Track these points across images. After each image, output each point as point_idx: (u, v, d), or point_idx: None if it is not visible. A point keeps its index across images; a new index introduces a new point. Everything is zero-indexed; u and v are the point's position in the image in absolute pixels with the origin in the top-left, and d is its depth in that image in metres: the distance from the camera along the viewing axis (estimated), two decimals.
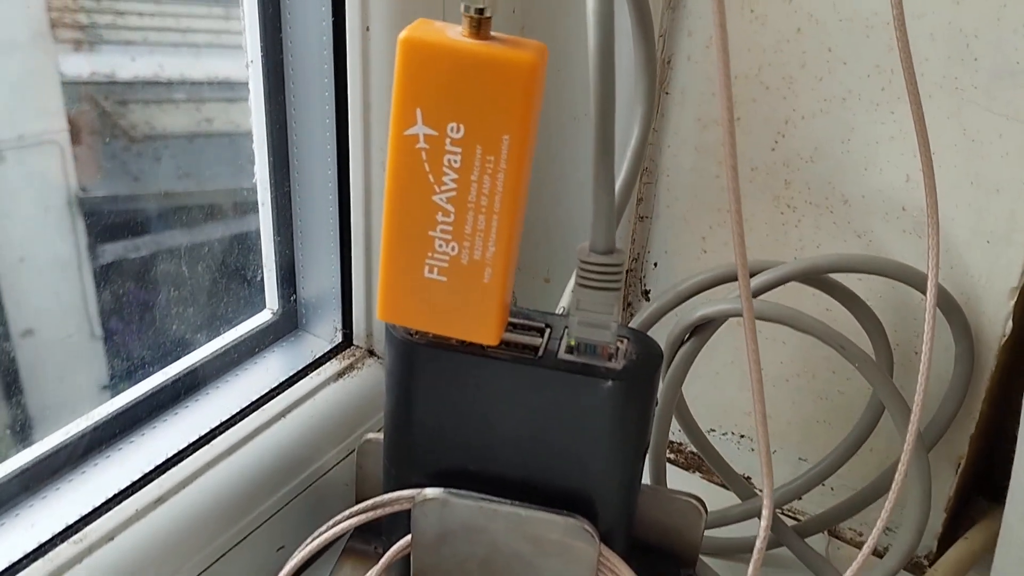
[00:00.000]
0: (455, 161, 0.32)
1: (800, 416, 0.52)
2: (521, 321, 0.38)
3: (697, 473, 0.57)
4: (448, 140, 0.32)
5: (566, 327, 0.38)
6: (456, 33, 0.31)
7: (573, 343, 0.37)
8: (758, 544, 0.34)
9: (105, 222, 0.46)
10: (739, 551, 0.51)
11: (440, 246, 0.34)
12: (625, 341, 0.38)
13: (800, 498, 0.50)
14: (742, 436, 0.55)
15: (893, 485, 0.37)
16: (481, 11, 0.31)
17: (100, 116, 0.45)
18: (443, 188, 0.33)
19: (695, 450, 0.57)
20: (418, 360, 0.38)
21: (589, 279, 0.35)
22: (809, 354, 0.51)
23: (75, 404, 0.43)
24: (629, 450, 0.38)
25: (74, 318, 0.47)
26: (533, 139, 0.33)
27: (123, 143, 0.46)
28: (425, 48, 0.31)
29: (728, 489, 0.54)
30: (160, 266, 0.47)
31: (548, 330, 0.38)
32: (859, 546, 0.53)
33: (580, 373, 0.36)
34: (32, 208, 0.44)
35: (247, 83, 0.46)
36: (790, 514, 0.55)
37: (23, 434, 0.42)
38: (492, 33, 0.31)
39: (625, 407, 0.37)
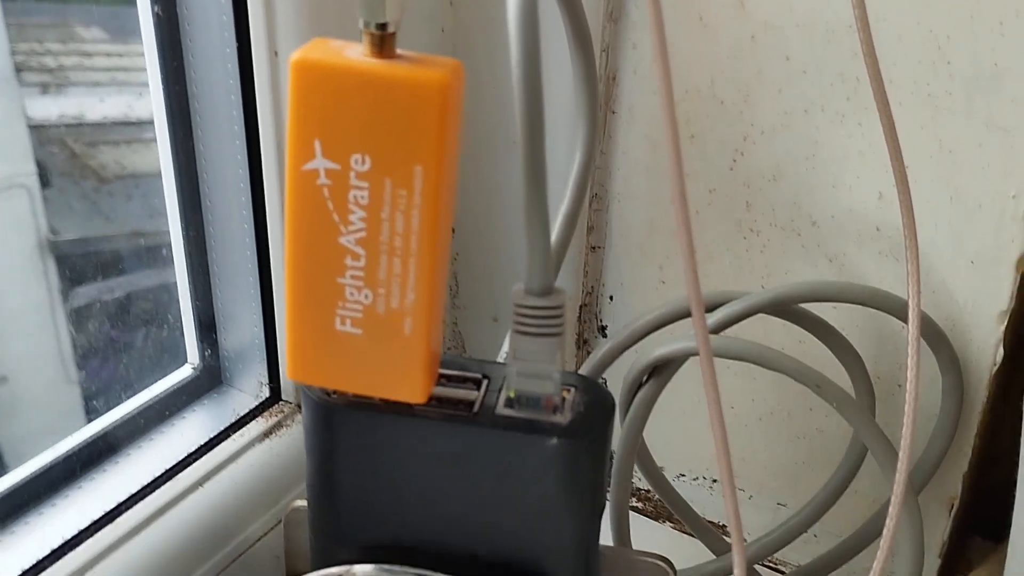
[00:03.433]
0: (362, 198, 0.29)
1: (777, 459, 0.49)
2: (455, 372, 0.35)
3: (668, 523, 0.54)
4: (353, 174, 0.29)
5: (506, 377, 0.35)
6: (356, 52, 0.28)
7: (513, 395, 0.33)
8: None
9: (77, 264, 0.44)
10: None
11: (352, 295, 0.30)
12: (572, 390, 0.34)
13: (781, 549, 0.47)
14: (715, 481, 0.52)
15: (884, 534, 0.34)
16: (383, 26, 0.28)
17: (69, 158, 0.45)
18: (351, 229, 0.29)
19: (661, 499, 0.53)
20: (337, 422, 0.34)
21: (526, 324, 0.32)
22: (783, 390, 0.47)
23: None
24: (583, 512, 0.35)
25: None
26: (452, 169, 0.30)
27: (93, 184, 0.46)
28: (320, 70, 0.28)
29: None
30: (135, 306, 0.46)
31: (486, 381, 0.35)
32: None
33: (521, 430, 0.33)
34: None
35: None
36: (772, 565, 0.51)
37: None
38: (398, 51, 0.28)
39: (574, 465, 0.33)
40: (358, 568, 0.36)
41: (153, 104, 0.43)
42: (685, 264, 0.29)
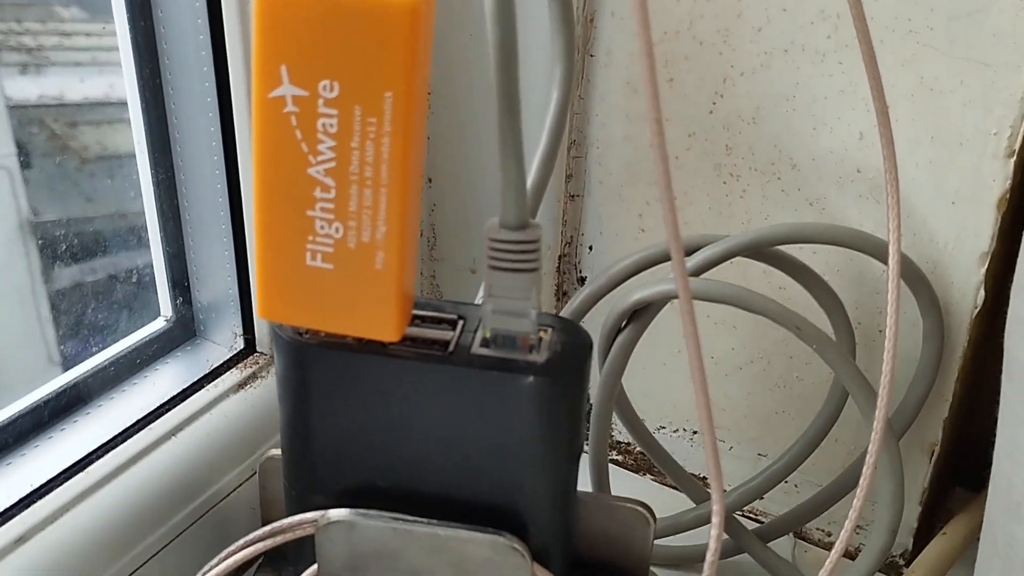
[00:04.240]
0: (331, 126, 0.28)
1: (757, 407, 0.49)
2: (429, 313, 0.34)
3: (648, 475, 0.54)
4: (321, 101, 0.28)
5: (481, 318, 0.34)
6: None
7: (488, 335, 0.33)
8: (709, 556, 0.31)
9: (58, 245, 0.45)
10: (695, 560, 0.47)
11: (322, 228, 0.30)
12: (549, 331, 0.34)
13: (761, 498, 0.47)
14: (695, 432, 0.52)
15: (861, 480, 0.34)
16: None
17: (50, 138, 0.45)
18: (319, 159, 0.29)
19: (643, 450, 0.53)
20: (309, 363, 0.34)
21: (500, 259, 0.31)
22: (763, 338, 0.47)
23: None
24: (559, 454, 0.35)
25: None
26: (423, 96, 0.29)
27: (75, 164, 0.46)
28: None
29: (681, 491, 0.50)
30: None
31: (461, 322, 0.34)
32: (828, 548, 0.50)
33: (496, 369, 0.32)
34: None
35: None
36: (751, 516, 0.51)
37: None
38: None
39: (551, 405, 0.33)
40: (333, 513, 0.35)
41: (118, 36, 0.42)
42: (664, 205, 0.28)
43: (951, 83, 0.38)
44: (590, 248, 0.50)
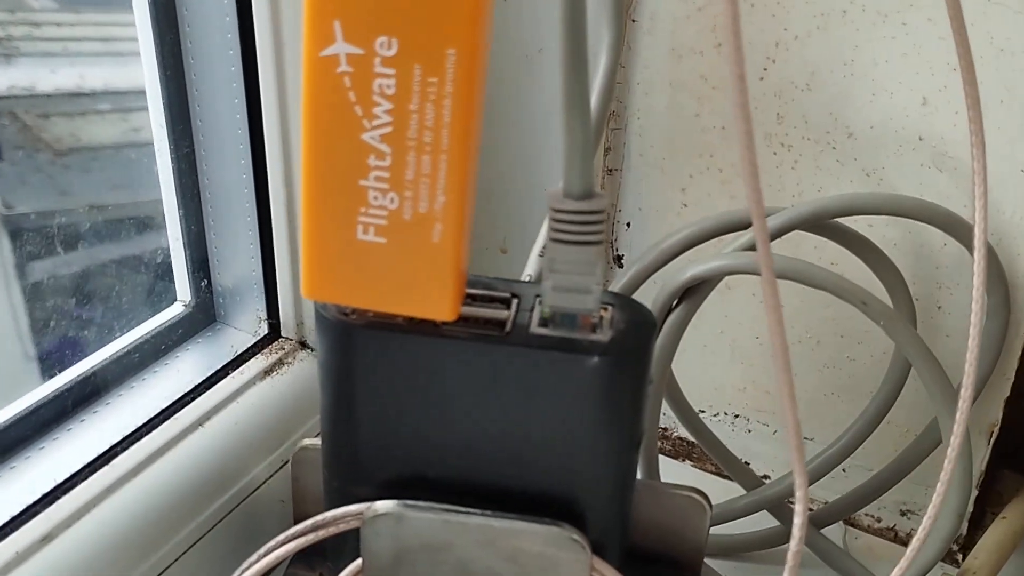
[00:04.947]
0: (388, 87, 0.26)
1: (804, 389, 0.47)
2: (482, 292, 0.32)
3: (687, 461, 0.52)
4: (378, 60, 0.26)
5: (538, 296, 0.32)
6: None
7: (547, 314, 0.31)
8: (793, 546, 0.29)
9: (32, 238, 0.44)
10: (746, 549, 0.45)
11: (376, 199, 0.28)
12: (609, 308, 0.32)
13: (811, 484, 0.45)
14: (736, 416, 0.50)
15: (943, 475, 0.31)
16: None
17: (21, 130, 0.44)
18: (375, 123, 0.27)
19: (685, 436, 0.52)
20: (357, 345, 0.32)
21: (564, 231, 0.29)
22: (812, 317, 0.45)
23: None
24: (621, 439, 0.33)
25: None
26: (486, 53, 0.27)
27: (48, 157, 0.44)
28: None
29: (724, 478, 0.49)
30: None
31: (516, 300, 0.32)
32: (878, 533, 0.48)
33: (559, 349, 0.30)
34: None
35: None
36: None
37: None
38: None
39: (616, 387, 0.31)
40: (380, 505, 0.33)
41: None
42: (745, 170, 0.26)
43: (1022, 43, 0.36)
44: (628, 225, 0.48)
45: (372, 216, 0.28)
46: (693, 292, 0.38)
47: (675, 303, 0.39)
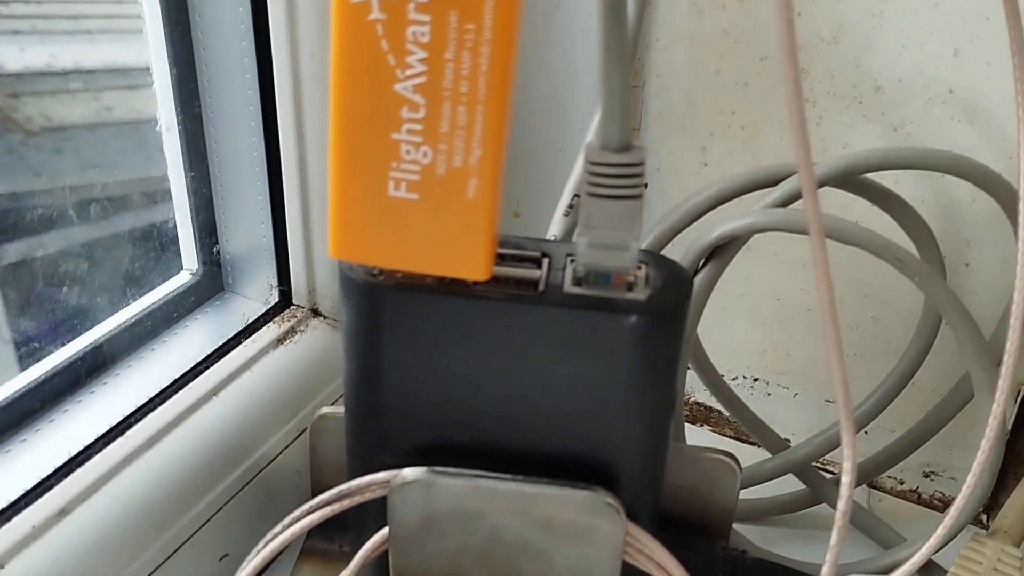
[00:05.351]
0: (423, 34, 0.25)
1: (825, 352, 0.46)
2: (511, 251, 0.31)
3: (706, 427, 0.51)
4: (412, 6, 0.25)
5: (568, 255, 0.31)
6: None
7: (581, 272, 0.30)
8: (841, 506, 0.28)
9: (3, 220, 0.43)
10: (770, 513, 0.45)
11: (408, 153, 0.27)
12: (642, 267, 0.31)
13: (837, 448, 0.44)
14: (756, 380, 0.49)
15: (988, 432, 0.31)
16: None
17: None
18: (408, 73, 0.26)
19: (703, 400, 0.51)
20: (384, 307, 0.31)
21: (601, 185, 0.28)
22: (836, 277, 0.44)
23: None
24: (657, 400, 0.32)
25: None
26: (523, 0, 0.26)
27: (19, 138, 0.43)
28: None
29: (744, 443, 0.48)
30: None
31: (547, 260, 0.31)
32: (902, 496, 0.48)
33: (596, 308, 0.30)
34: None
35: (148, 68, 0.41)
36: (819, 465, 0.49)
37: None
38: None
39: (653, 347, 0.30)
40: (408, 472, 0.32)
41: None
42: (792, 118, 0.25)
43: None
44: (645, 186, 0.47)
45: (404, 171, 0.27)
46: (720, 252, 0.38)
47: (701, 264, 0.38)
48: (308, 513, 0.34)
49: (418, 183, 0.27)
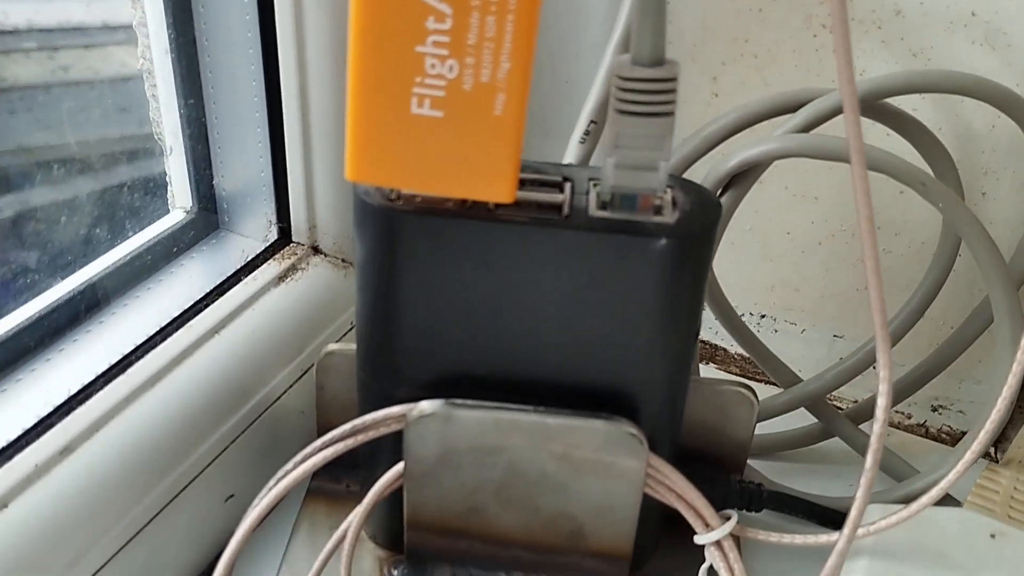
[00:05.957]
0: None
1: (836, 285, 0.46)
2: (532, 176, 0.30)
3: (711, 364, 0.51)
4: None
5: (592, 179, 0.30)
6: None
7: (607, 196, 0.29)
8: (877, 428, 0.28)
9: None
10: (783, 447, 0.44)
11: (433, 67, 0.25)
12: (668, 191, 0.30)
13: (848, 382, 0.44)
14: (763, 316, 0.49)
15: (1015, 367, 0.30)
16: None
17: None
18: None
19: (707, 339, 0.50)
20: (404, 233, 0.30)
21: (632, 101, 0.27)
22: (847, 209, 0.44)
23: None
24: (682, 328, 0.31)
25: None
26: None
27: None
28: None
29: (751, 380, 0.48)
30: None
31: (569, 184, 0.30)
32: (910, 430, 0.48)
33: (624, 232, 0.29)
34: None
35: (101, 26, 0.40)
36: (830, 402, 0.49)
37: None
38: None
39: (681, 272, 0.30)
40: (425, 405, 0.32)
41: None
42: (837, 30, 0.24)
43: None
44: None
45: (428, 87, 0.26)
46: (739, 180, 0.37)
47: (720, 192, 0.37)
48: (320, 449, 0.33)
49: (443, 99, 0.26)
